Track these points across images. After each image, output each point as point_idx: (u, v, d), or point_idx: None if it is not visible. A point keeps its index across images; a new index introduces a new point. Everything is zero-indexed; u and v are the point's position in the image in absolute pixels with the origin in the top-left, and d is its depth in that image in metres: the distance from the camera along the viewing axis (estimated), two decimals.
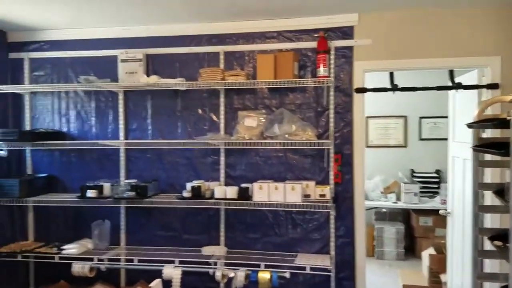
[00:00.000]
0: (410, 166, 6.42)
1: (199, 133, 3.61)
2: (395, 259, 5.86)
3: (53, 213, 3.86)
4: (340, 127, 3.43)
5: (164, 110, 3.69)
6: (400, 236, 5.88)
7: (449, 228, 3.98)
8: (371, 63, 3.38)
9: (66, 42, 3.80)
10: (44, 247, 3.66)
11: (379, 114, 6.45)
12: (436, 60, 3.30)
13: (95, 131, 3.81)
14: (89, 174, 3.79)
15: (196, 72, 3.56)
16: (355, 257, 3.44)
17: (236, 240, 3.60)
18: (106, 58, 3.74)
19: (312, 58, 3.45)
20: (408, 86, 3.45)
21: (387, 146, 6.56)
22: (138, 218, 3.74)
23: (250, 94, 3.55)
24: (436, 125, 6.42)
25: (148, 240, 3.72)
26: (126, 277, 3.76)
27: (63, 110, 3.87)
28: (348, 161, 3.42)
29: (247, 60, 3.55)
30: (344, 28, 3.40)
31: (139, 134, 3.74)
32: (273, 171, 3.54)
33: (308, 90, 3.47)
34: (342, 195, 3.43)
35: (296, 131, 3.28)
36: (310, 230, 3.50)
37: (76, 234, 3.80)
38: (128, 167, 3.75)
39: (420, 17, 3.30)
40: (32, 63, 3.88)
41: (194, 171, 3.64)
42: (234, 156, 3.58)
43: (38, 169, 3.90)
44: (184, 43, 3.63)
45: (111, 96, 3.77)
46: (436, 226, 5.77)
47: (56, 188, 3.87)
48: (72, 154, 3.84)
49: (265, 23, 3.48)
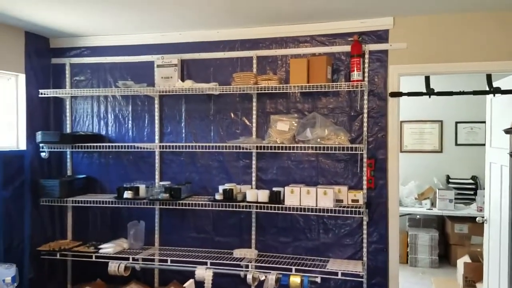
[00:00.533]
0: (446, 172, 6.28)
1: (231, 136, 3.66)
2: (428, 267, 5.73)
3: (91, 213, 4.00)
4: (374, 132, 3.40)
5: (197, 114, 3.76)
6: (434, 243, 5.75)
7: (485, 235, 3.87)
8: (406, 67, 3.34)
9: (106, 48, 3.93)
10: (82, 246, 3.79)
11: (414, 119, 6.34)
12: (473, 64, 3.22)
13: (131, 134, 3.92)
14: (125, 175, 3.90)
15: (229, 76, 3.61)
16: (388, 264, 3.40)
17: (267, 244, 3.62)
18: (143, 63, 3.85)
19: (346, 62, 3.44)
20: (444, 90, 3.39)
21: (422, 151, 6.44)
22: (172, 219, 3.82)
23: (283, 98, 3.57)
24: (473, 130, 6.25)
25: (181, 241, 3.79)
26: (160, 277, 3.84)
27: (102, 114, 4.00)
28: (382, 166, 3.39)
29: (280, 65, 3.58)
30: (378, 31, 3.37)
31: (173, 138, 3.82)
32: (304, 175, 3.54)
33: (342, 94, 3.46)
34: (375, 201, 3.40)
35: (328, 135, 3.27)
36: (342, 235, 3.48)
37: (112, 234, 3.92)
38: (163, 170, 3.84)
39: (456, 21, 3.24)
40: (73, 68, 4.04)
41: (226, 174, 3.69)
42: (266, 160, 3.61)
43: (77, 170, 4.05)
44: (217, 48, 3.69)
45: (147, 100, 3.87)
46: (472, 234, 5.62)
47: (94, 189, 4.00)
48: (109, 156, 3.96)
49: (298, 28, 3.50)
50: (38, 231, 3.83)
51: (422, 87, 3.44)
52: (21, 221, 3.67)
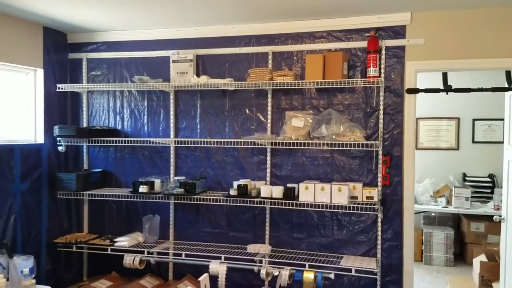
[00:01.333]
0: (462, 170, 6.19)
1: (246, 132, 3.66)
2: (443, 265, 5.67)
3: (106, 206, 4.05)
4: (390, 129, 3.37)
5: (212, 109, 3.77)
6: (449, 242, 5.68)
7: (503, 234, 3.81)
8: (424, 63, 3.29)
9: (122, 43, 3.96)
10: (98, 239, 3.84)
11: (431, 116, 6.26)
12: (492, 60, 3.16)
13: (147, 129, 3.95)
14: (141, 170, 3.94)
15: (244, 72, 3.61)
16: (402, 261, 3.37)
17: (281, 239, 3.62)
18: (158, 58, 3.87)
19: (362, 58, 3.41)
20: (460, 87, 3.34)
21: (438, 149, 6.36)
22: (186, 214, 3.84)
23: (298, 94, 3.56)
24: (490, 127, 6.15)
25: (195, 236, 3.82)
26: (174, 270, 3.88)
27: (118, 109, 4.03)
28: (398, 163, 3.36)
29: (295, 60, 3.56)
30: (395, 27, 3.33)
31: (188, 133, 3.84)
32: (319, 172, 3.53)
33: (357, 91, 3.44)
34: (390, 198, 3.37)
35: (344, 132, 3.25)
36: (356, 232, 3.46)
37: (128, 227, 3.97)
38: (178, 164, 3.86)
39: (475, 16, 3.18)
40: (89, 63, 4.08)
41: (241, 170, 3.70)
42: (281, 156, 3.60)
43: (93, 164, 4.10)
44: (233, 43, 3.69)
45: (162, 95, 3.89)
46: (489, 233, 5.54)
47: (110, 182, 4.05)
48: (125, 151, 4.00)
49: (314, 23, 3.48)
50: (55, 223, 3.89)
51: (439, 84, 3.40)
52: (38, 213, 3.73)
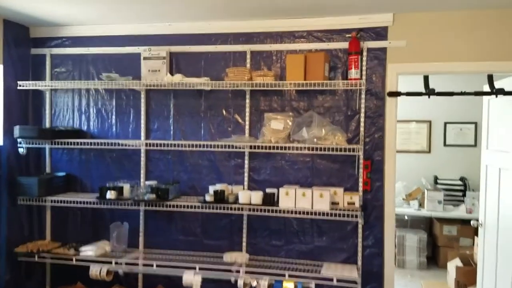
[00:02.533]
0: (434, 173, 6.24)
1: (223, 135, 3.50)
2: (416, 269, 5.68)
3: (71, 213, 3.79)
4: (371, 132, 3.28)
5: (187, 110, 3.58)
6: (422, 245, 5.70)
7: (480, 239, 3.79)
8: (405, 65, 3.22)
9: (89, 38, 3.71)
10: (61, 247, 3.57)
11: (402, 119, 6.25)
12: (475, 63, 3.13)
13: (115, 130, 3.72)
14: (108, 174, 3.70)
15: (221, 71, 3.45)
16: (383, 269, 3.29)
17: (259, 247, 3.47)
18: (128, 55, 3.64)
19: (343, 60, 3.30)
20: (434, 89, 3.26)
21: (409, 151, 6.38)
22: (158, 221, 3.63)
23: (277, 96, 3.42)
24: (462, 130, 6.23)
25: (167, 244, 3.61)
26: (144, 281, 3.65)
27: (84, 108, 3.78)
28: (379, 167, 3.27)
29: (274, 60, 3.42)
30: (377, 28, 3.24)
31: (160, 135, 3.63)
32: (299, 176, 3.40)
33: (338, 93, 3.33)
34: (371, 203, 3.28)
35: (325, 135, 3.13)
36: (336, 238, 3.35)
37: (94, 235, 3.72)
38: (149, 168, 3.65)
39: (458, 18, 3.14)
40: (53, 59, 3.80)
41: (217, 174, 3.52)
42: (259, 159, 3.45)
43: (57, 167, 3.82)
44: (209, 41, 3.51)
45: (132, 94, 3.67)
46: (461, 236, 5.60)
47: (75, 187, 3.79)
48: (91, 153, 3.75)
49: (294, 22, 3.35)
50: (15, 231, 3.61)
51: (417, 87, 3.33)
52: None
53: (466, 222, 5.42)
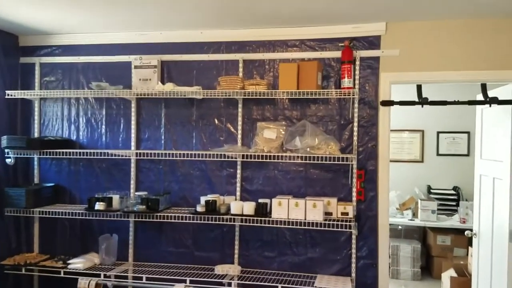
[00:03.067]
0: (427, 182, 6.22)
1: (215, 144, 3.45)
2: (410, 279, 5.62)
3: (59, 224, 3.70)
4: (364, 142, 3.24)
5: (178, 119, 3.53)
6: (416, 255, 5.64)
7: (475, 249, 3.76)
8: (398, 74, 3.21)
9: (79, 47, 3.66)
10: (49, 260, 3.50)
11: (395, 128, 6.25)
12: (468, 72, 3.12)
13: (105, 140, 3.65)
14: (97, 184, 3.63)
15: (213, 80, 3.41)
16: (377, 280, 3.24)
17: (251, 259, 3.41)
18: (119, 64, 3.59)
19: (336, 69, 3.28)
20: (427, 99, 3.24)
21: (402, 161, 6.36)
22: (148, 232, 3.56)
23: (270, 105, 3.38)
24: (454, 140, 6.22)
25: (157, 256, 3.53)
26: None
27: (73, 118, 3.71)
28: (372, 177, 3.23)
29: (267, 69, 3.39)
30: (370, 37, 3.23)
31: (151, 144, 3.58)
32: (292, 186, 3.35)
33: (331, 102, 3.30)
34: (365, 214, 3.24)
35: (319, 144, 3.10)
36: (329, 249, 3.30)
37: (83, 248, 3.64)
38: (139, 178, 3.58)
39: (451, 27, 3.13)
40: (43, 68, 3.74)
41: (209, 184, 3.46)
42: (251, 169, 3.40)
43: (45, 178, 3.74)
44: (201, 49, 3.48)
45: (123, 103, 3.61)
46: (455, 246, 5.56)
47: (64, 198, 3.70)
48: (80, 164, 3.67)
49: (287, 31, 3.33)
50: (2, 243, 3.53)
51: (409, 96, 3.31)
52: None
53: (460, 232, 5.40)
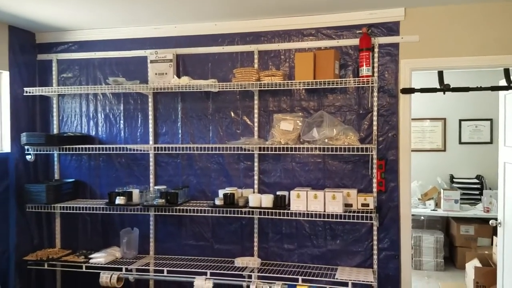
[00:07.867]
0: (449, 171, 6.09)
1: (231, 137, 3.42)
2: (434, 270, 5.53)
3: (80, 219, 3.74)
4: (385, 131, 3.17)
5: (195, 113, 3.51)
6: (439, 246, 5.55)
7: (499, 239, 3.66)
8: (419, 61, 3.12)
9: (95, 42, 3.67)
10: (71, 255, 3.55)
11: (416, 117, 6.12)
12: (491, 57, 3.01)
13: (123, 135, 3.67)
14: (117, 179, 3.65)
15: (228, 72, 3.38)
16: (400, 272, 3.18)
17: (271, 251, 3.39)
18: (135, 58, 3.60)
19: (354, 57, 3.21)
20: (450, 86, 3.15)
21: (424, 150, 6.24)
22: (168, 226, 3.57)
23: (286, 96, 3.33)
24: (477, 128, 6.07)
25: (177, 250, 3.55)
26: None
27: (91, 113, 3.73)
28: (393, 167, 3.16)
29: (283, 59, 3.34)
30: (389, 23, 3.15)
31: (168, 138, 3.57)
32: (310, 178, 3.31)
33: (350, 91, 3.24)
34: (386, 205, 3.18)
35: (337, 135, 3.04)
36: (350, 241, 3.25)
37: (104, 242, 3.68)
38: (158, 173, 3.59)
39: (472, 11, 3.03)
40: (60, 65, 3.77)
41: (226, 177, 3.45)
42: (269, 161, 3.37)
43: (65, 174, 3.78)
44: (216, 42, 3.45)
45: (140, 98, 3.61)
46: (479, 235, 5.45)
47: (84, 193, 3.74)
48: (100, 159, 3.70)
49: (302, 20, 3.26)
50: (24, 239, 3.58)
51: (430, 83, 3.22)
52: (5, 229, 3.41)
53: (483, 222, 5.28)
